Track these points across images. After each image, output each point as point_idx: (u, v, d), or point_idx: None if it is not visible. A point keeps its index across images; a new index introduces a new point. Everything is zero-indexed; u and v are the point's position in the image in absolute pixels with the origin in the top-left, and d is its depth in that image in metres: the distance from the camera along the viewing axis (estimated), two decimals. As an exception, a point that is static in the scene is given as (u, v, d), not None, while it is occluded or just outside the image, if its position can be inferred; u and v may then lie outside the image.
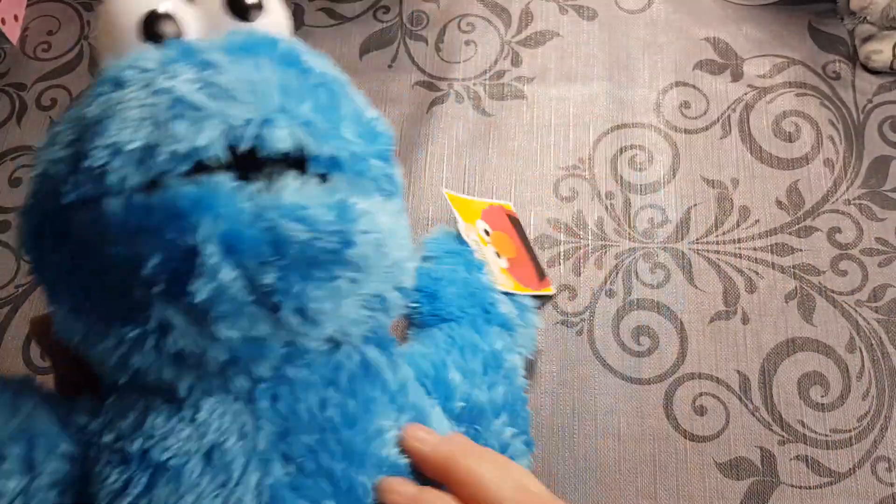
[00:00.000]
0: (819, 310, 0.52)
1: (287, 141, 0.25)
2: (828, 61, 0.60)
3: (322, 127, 0.26)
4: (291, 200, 0.24)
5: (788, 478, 0.47)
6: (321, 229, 0.25)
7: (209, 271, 0.24)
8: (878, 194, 0.55)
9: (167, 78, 0.26)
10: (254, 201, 0.24)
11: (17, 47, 0.67)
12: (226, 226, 0.24)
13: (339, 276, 0.26)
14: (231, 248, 0.24)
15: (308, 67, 0.28)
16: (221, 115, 0.24)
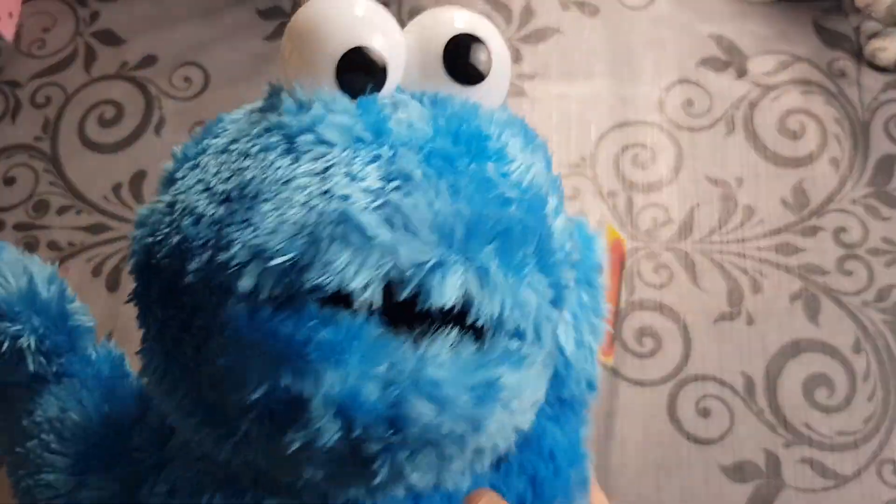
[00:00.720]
0: (824, 310, 0.51)
1: (453, 297, 0.20)
2: (833, 58, 0.59)
3: (500, 278, 0.21)
4: (433, 376, 0.20)
5: (793, 481, 0.47)
6: (453, 414, 0.20)
7: (311, 428, 0.20)
8: (884, 193, 0.54)
9: (346, 175, 0.21)
10: (391, 366, 0.20)
11: (11, 44, 0.66)
12: (349, 386, 0.20)
13: (458, 457, 0.22)
14: (344, 410, 0.20)
15: (509, 194, 0.22)
16: (391, 252, 0.20)
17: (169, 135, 0.61)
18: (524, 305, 0.22)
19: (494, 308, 0.21)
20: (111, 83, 0.64)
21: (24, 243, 0.58)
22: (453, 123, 0.23)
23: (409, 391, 0.20)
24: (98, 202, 0.59)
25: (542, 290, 0.22)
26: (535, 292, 0.22)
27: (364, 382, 0.20)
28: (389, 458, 0.21)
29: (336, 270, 0.20)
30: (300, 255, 0.20)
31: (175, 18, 0.66)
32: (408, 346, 0.20)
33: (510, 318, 0.21)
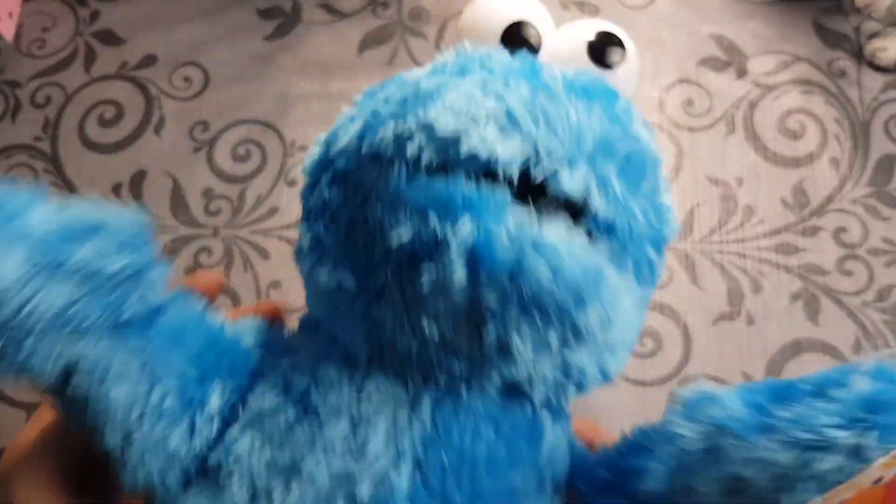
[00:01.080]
0: (824, 310, 0.51)
1: (578, 189, 0.25)
2: (833, 58, 0.59)
3: (616, 190, 0.26)
4: (551, 242, 0.24)
5: (794, 481, 0.47)
6: (564, 283, 0.24)
7: (444, 266, 0.24)
8: (884, 193, 0.54)
9: (504, 85, 0.26)
10: (518, 226, 0.24)
11: (11, 44, 0.66)
12: (481, 235, 0.24)
13: (555, 330, 0.25)
14: (473, 257, 0.24)
15: (633, 133, 0.27)
16: (532, 139, 0.25)
17: (169, 135, 0.61)
18: (633, 223, 0.26)
19: (609, 213, 0.25)
20: (111, 83, 0.63)
21: (24, 243, 0.58)
22: (590, 79, 0.28)
23: (531, 251, 0.24)
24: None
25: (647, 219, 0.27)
26: (643, 217, 0.26)
27: (494, 233, 0.24)
28: (501, 314, 0.24)
29: (486, 142, 0.24)
30: (461, 130, 0.25)
31: (175, 18, 0.66)
32: (534, 214, 0.24)
33: (620, 229, 0.26)
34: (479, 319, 0.25)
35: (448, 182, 0.25)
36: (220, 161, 0.60)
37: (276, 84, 0.62)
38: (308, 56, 0.63)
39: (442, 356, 0.27)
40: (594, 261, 0.25)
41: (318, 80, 0.62)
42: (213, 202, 0.58)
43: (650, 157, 0.28)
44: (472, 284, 0.24)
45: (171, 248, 0.57)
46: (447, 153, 0.25)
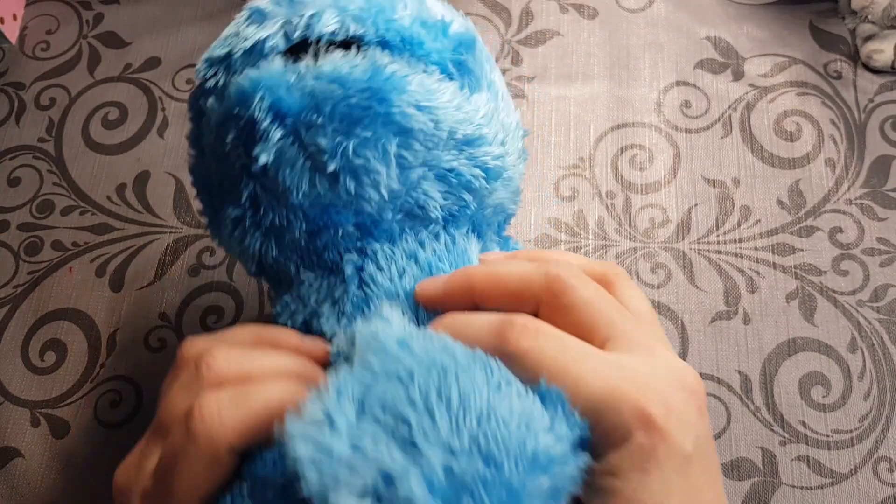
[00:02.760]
0: (820, 310, 0.52)
1: (332, 25, 0.29)
2: (829, 60, 0.60)
3: (371, 15, 0.30)
4: (329, 68, 0.28)
5: (789, 478, 0.47)
6: (352, 87, 0.28)
7: (263, 135, 0.28)
8: (879, 194, 0.55)
9: None
10: (298, 73, 0.28)
11: (15, 46, 0.66)
12: (274, 96, 0.28)
13: (384, 137, 0.29)
14: (278, 113, 0.28)
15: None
16: (282, 16, 0.30)
17: (172, 136, 0.62)
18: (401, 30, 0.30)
19: (371, 31, 0.29)
20: (115, 85, 0.64)
21: (29, 244, 0.58)
22: None
23: (314, 82, 0.28)
24: (102, 203, 0.59)
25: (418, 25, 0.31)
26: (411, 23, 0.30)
27: (282, 88, 0.28)
28: (332, 147, 0.28)
29: (249, 36, 0.30)
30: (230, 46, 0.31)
31: (178, 21, 0.66)
32: (311, 62, 0.29)
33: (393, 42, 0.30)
34: (321, 163, 0.29)
35: (236, 81, 0.30)
36: (223, 162, 0.60)
37: (277, 86, 0.62)
38: (309, 58, 0.63)
39: (329, 222, 0.31)
40: (372, 63, 0.28)
41: (320, 82, 0.62)
42: (215, 203, 0.59)
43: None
44: (294, 138, 0.28)
45: (174, 248, 0.57)
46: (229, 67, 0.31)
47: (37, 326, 0.55)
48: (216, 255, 0.57)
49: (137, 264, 0.57)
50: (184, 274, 0.56)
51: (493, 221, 0.37)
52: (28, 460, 0.52)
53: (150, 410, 0.52)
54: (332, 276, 0.32)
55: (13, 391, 0.54)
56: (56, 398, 0.53)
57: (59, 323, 0.55)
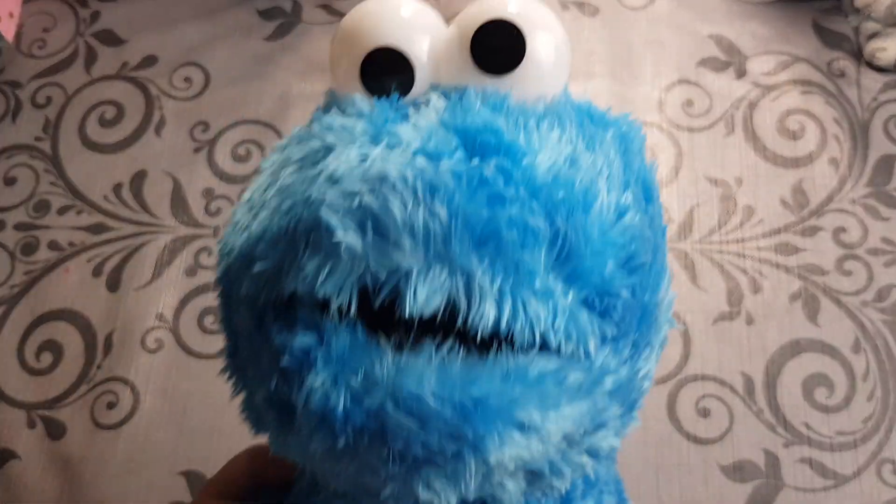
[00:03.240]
0: (824, 310, 0.51)
1: (432, 305, 0.19)
2: (832, 59, 0.59)
3: (494, 289, 0.19)
4: (411, 388, 0.19)
5: (793, 480, 0.47)
6: (438, 431, 0.19)
7: (301, 435, 0.20)
8: (883, 193, 0.54)
9: (328, 179, 0.20)
10: (368, 375, 0.20)
11: (12, 44, 0.66)
12: (325, 396, 0.20)
13: (466, 472, 0.20)
14: (324, 420, 0.20)
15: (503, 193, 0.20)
16: (360, 258, 0.19)
17: (169, 135, 0.61)
18: (530, 315, 0.20)
19: (486, 317, 0.19)
20: (112, 83, 0.64)
21: (25, 243, 0.58)
22: (459, 117, 0.21)
23: (388, 402, 0.19)
24: (98, 202, 0.59)
25: (560, 297, 0.20)
26: (546, 300, 0.20)
27: (338, 391, 0.19)
28: (387, 472, 0.20)
29: (307, 277, 0.19)
30: (280, 262, 0.20)
31: (175, 19, 0.66)
32: (388, 355, 0.20)
33: (517, 329, 0.20)
34: (373, 482, 0.21)
35: (283, 326, 0.20)
36: (221, 161, 0.60)
37: (276, 84, 0.62)
38: (308, 56, 0.63)
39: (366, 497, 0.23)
40: (475, 390, 0.20)
41: (318, 81, 0.62)
42: (213, 202, 0.58)
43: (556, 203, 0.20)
44: (343, 452, 0.20)
45: (171, 248, 0.57)
46: (277, 290, 0.21)
47: (33, 327, 0.55)
48: (214, 255, 0.56)
49: (134, 264, 0.56)
50: (181, 274, 0.56)
51: None
52: (24, 462, 0.51)
53: (147, 412, 0.52)
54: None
55: (9, 392, 0.53)
56: (52, 399, 0.53)
57: (55, 324, 0.55)
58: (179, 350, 0.53)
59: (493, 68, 0.23)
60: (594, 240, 0.21)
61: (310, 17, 0.65)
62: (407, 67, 0.23)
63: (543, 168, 0.21)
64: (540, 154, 0.21)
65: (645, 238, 0.22)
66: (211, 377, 0.52)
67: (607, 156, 0.23)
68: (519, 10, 0.23)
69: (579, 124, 0.23)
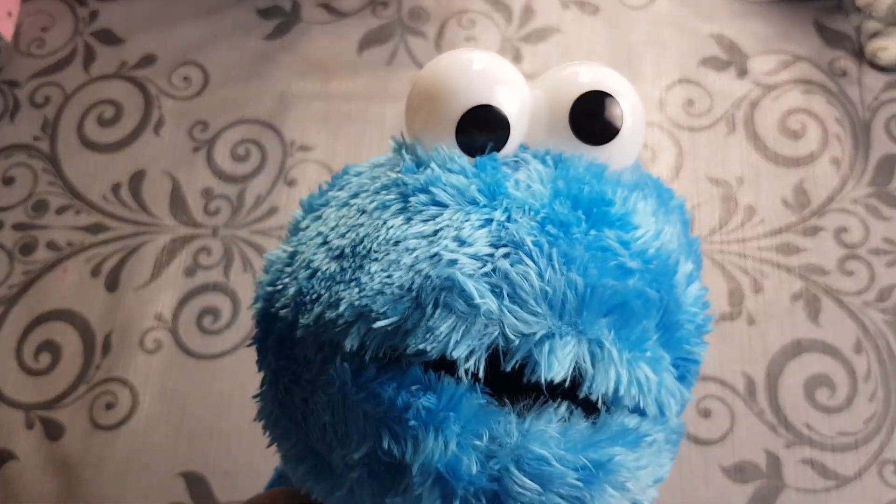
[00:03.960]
0: (825, 310, 0.51)
1: (563, 371, 0.19)
2: (834, 58, 0.59)
3: (614, 353, 0.20)
4: (537, 451, 0.19)
5: (794, 481, 0.47)
6: (557, 493, 0.19)
7: (411, 494, 0.20)
8: (885, 193, 0.54)
9: (455, 239, 0.20)
10: (494, 437, 0.20)
11: (10, 44, 0.66)
12: (448, 455, 0.19)
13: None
14: (443, 480, 0.20)
15: (627, 264, 0.21)
16: (495, 321, 0.19)
17: (168, 134, 0.61)
18: (642, 382, 0.20)
19: (609, 384, 0.20)
20: (110, 83, 0.63)
21: (23, 243, 0.58)
22: (574, 187, 0.22)
23: (512, 465, 0.19)
24: (97, 202, 0.59)
25: (664, 365, 0.21)
26: (655, 368, 0.21)
27: (463, 453, 0.19)
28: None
29: (439, 337, 0.19)
30: (404, 319, 0.20)
31: (175, 18, 0.65)
32: (512, 418, 0.20)
33: (627, 394, 0.20)
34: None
35: (399, 384, 0.20)
36: (220, 161, 0.59)
37: (275, 83, 0.62)
38: (308, 56, 0.63)
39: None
40: (597, 454, 0.20)
41: (318, 80, 0.62)
42: (212, 202, 0.58)
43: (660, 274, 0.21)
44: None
45: (170, 248, 0.57)
46: (394, 345, 0.20)
47: (31, 327, 0.55)
48: (212, 254, 0.56)
49: (133, 264, 0.56)
50: (180, 274, 0.55)
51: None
52: (23, 462, 0.51)
53: (145, 412, 0.51)
54: None
55: (7, 393, 0.53)
56: (51, 400, 0.53)
57: (53, 324, 0.55)
58: (178, 350, 0.53)
59: (593, 139, 0.23)
60: (685, 309, 0.22)
61: (309, 17, 0.64)
62: (504, 125, 0.23)
63: (651, 241, 0.21)
64: (641, 227, 0.22)
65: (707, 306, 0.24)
66: (210, 378, 0.52)
67: (675, 227, 0.24)
68: (617, 85, 0.24)
69: (657, 196, 0.24)
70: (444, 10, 0.63)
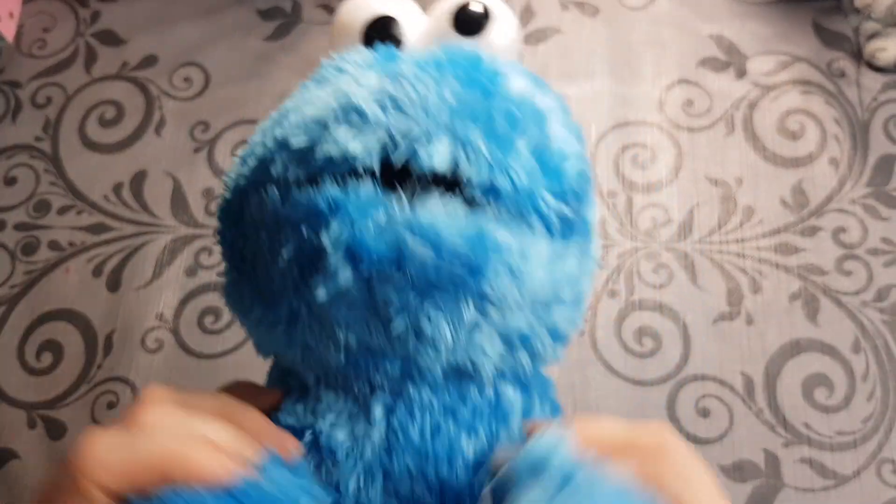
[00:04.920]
0: (824, 310, 0.51)
1: (442, 161, 0.24)
2: (832, 59, 0.59)
3: (485, 153, 0.25)
4: (426, 220, 0.24)
5: (793, 480, 0.47)
6: (448, 255, 0.24)
7: (330, 273, 0.24)
8: (883, 193, 0.54)
9: (353, 82, 0.27)
10: (388, 213, 0.24)
11: (12, 44, 0.66)
12: (353, 232, 0.24)
13: (465, 304, 0.25)
14: (354, 255, 0.24)
15: (499, 91, 0.26)
16: (383, 126, 0.25)
17: (169, 135, 0.61)
18: (517, 180, 0.25)
19: (484, 176, 0.25)
20: (112, 83, 0.64)
21: (25, 243, 0.58)
22: (452, 51, 0.28)
23: (406, 233, 0.24)
24: (99, 202, 0.59)
25: (532, 173, 0.26)
26: (525, 173, 0.25)
27: (364, 228, 0.24)
28: (402, 304, 0.24)
29: (339, 141, 0.25)
30: (314, 138, 0.25)
31: (175, 19, 0.66)
32: (404, 199, 0.24)
33: (503, 189, 0.25)
34: (385, 315, 0.25)
35: (312, 191, 0.25)
36: (221, 161, 0.60)
37: (276, 84, 0.62)
38: (308, 56, 0.63)
39: (371, 361, 0.27)
40: (476, 226, 0.24)
41: (319, 81, 0.62)
42: (213, 202, 0.58)
43: (527, 111, 0.27)
44: (364, 283, 0.24)
45: (171, 248, 0.57)
46: (308, 164, 0.25)
47: (33, 327, 0.55)
48: (214, 255, 0.56)
49: (134, 264, 0.56)
50: (181, 274, 0.56)
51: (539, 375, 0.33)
52: (24, 462, 0.51)
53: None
54: (357, 408, 0.29)
55: (9, 392, 0.53)
56: (53, 399, 0.53)
57: (55, 323, 0.55)
58: (179, 350, 0.53)
59: (469, 28, 0.31)
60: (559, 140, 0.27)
61: (310, 17, 0.65)
62: (399, 31, 0.30)
63: (518, 83, 0.27)
64: (508, 77, 0.27)
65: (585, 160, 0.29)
66: (211, 377, 0.52)
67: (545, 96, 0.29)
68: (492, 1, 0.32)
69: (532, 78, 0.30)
70: (445, 11, 0.63)
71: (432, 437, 0.27)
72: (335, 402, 0.29)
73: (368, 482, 0.27)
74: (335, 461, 0.28)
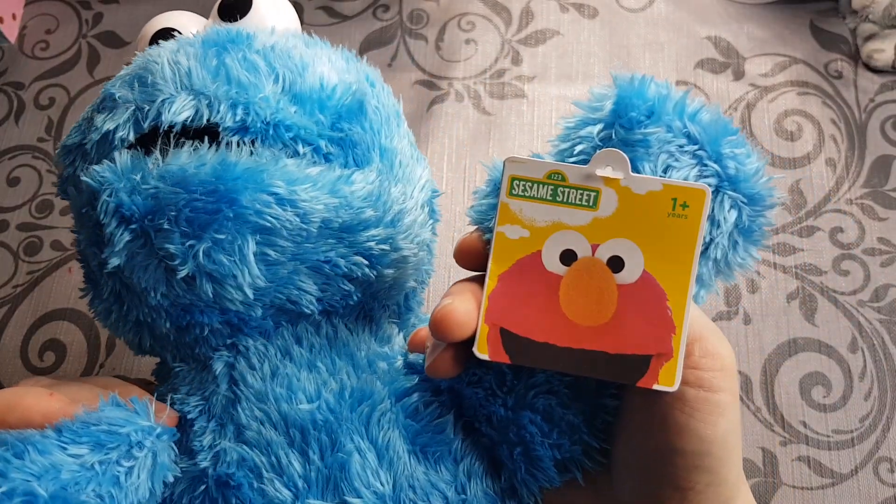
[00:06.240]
0: (821, 310, 0.51)
1: (182, 114, 0.28)
2: (830, 60, 0.60)
3: (229, 96, 0.28)
4: (175, 166, 0.26)
5: (790, 479, 0.47)
6: (198, 189, 0.26)
7: (110, 239, 0.27)
8: (880, 194, 0.55)
9: (120, 79, 0.31)
10: (142, 174, 0.27)
11: (15, 46, 0.66)
12: (117, 199, 0.27)
13: (239, 238, 0.27)
14: (123, 217, 0.27)
15: (242, 48, 0.30)
16: (132, 102, 0.29)
17: (171, 136, 0.62)
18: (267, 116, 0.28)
19: (226, 117, 0.28)
20: (114, 85, 0.64)
21: (28, 244, 0.58)
22: (208, 31, 0.32)
23: (159, 182, 0.26)
24: (101, 203, 0.59)
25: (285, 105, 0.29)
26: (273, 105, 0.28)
27: (123, 189, 0.27)
28: (182, 251, 0.26)
29: (99, 126, 0.29)
30: (83, 132, 0.31)
31: (177, 20, 0.66)
32: (158, 157, 0.27)
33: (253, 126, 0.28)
34: (172, 265, 0.27)
35: (85, 176, 0.28)
36: (222, 162, 0.60)
37: (277, 86, 0.62)
38: (309, 58, 0.63)
39: (192, 319, 0.30)
40: (219, 159, 0.26)
41: (319, 82, 0.62)
42: (214, 203, 0.59)
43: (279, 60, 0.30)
44: (143, 242, 0.27)
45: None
46: (85, 156, 0.30)
47: (36, 326, 0.55)
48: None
49: (137, 264, 0.57)
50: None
51: (391, 302, 0.34)
52: (27, 461, 0.51)
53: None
54: (204, 372, 0.31)
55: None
56: (55, 398, 0.53)
57: (58, 323, 0.55)
58: (181, 349, 0.54)
59: (231, 17, 0.34)
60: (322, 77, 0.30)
61: (311, 19, 0.65)
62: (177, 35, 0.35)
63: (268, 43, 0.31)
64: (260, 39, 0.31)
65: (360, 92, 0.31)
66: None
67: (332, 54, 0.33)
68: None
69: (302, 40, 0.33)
70: (445, 13, 0.64)
71: (272, 378, 0.29)
72: (188, 373, 0.32)
73: (221, 435, 0.29)
74: (191, 424, 0.30)
